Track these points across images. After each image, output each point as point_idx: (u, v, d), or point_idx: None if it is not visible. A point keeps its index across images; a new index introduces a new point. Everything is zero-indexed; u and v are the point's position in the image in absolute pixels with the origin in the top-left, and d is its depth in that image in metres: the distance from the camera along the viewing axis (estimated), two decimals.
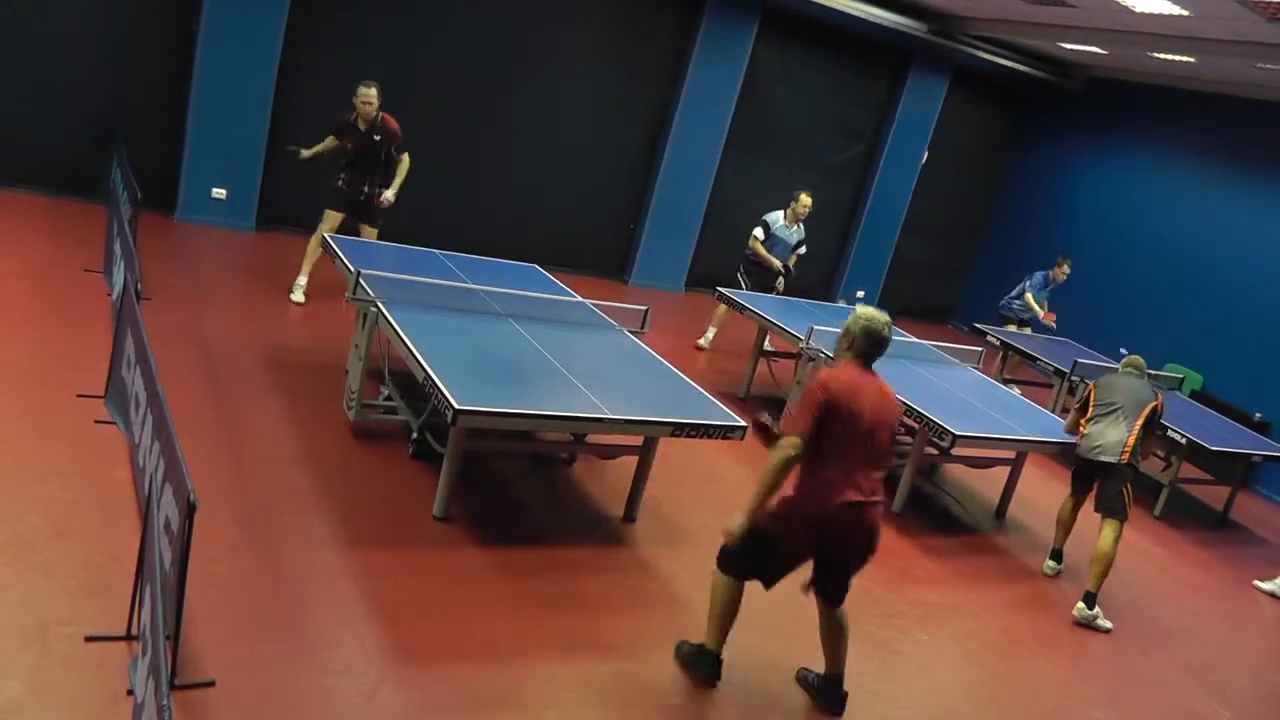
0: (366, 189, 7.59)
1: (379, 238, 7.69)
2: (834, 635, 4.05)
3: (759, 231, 8.74)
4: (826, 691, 4.10)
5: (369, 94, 7.32)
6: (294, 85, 8.74)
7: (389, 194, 7.59)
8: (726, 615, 3.97)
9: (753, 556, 3.89)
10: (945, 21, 10.79)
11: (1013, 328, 10.23)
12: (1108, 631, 5.47)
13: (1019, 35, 10.59)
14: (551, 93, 9.94)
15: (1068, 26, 9.43)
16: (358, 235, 7.59)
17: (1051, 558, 6.08)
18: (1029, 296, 10.11)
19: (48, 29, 8.00)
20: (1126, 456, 5.63)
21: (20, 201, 7.99)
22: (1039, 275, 10.15)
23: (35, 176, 8.25)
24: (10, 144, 8.10)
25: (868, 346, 3.87)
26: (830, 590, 3.99)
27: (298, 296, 7.56)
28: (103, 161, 8.05)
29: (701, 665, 4.04)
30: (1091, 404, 5.90)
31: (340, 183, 7.62)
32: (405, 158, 7.63)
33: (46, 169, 8.29)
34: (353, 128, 7.46)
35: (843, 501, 3.73)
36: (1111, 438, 5.69)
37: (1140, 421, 5.68)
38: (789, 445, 3.69)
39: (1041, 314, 10.05)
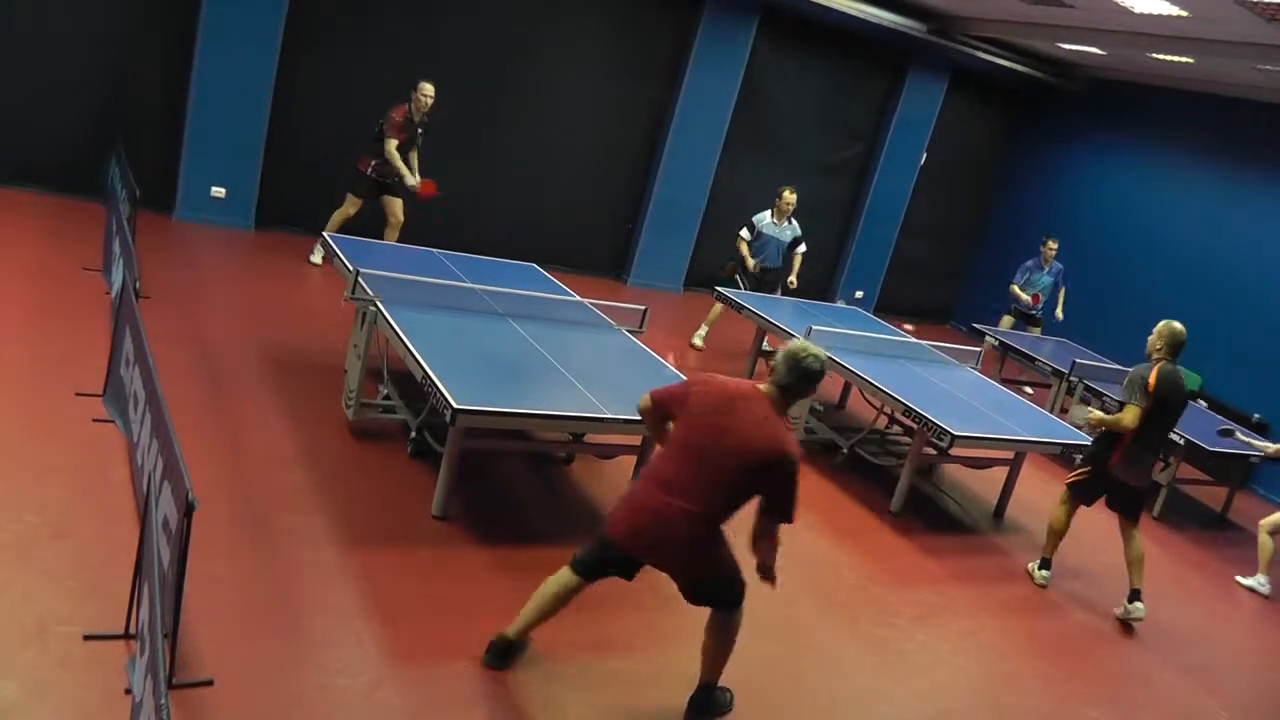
0: (397, 174, 8.21)
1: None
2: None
3: (745, 233, 8.81)
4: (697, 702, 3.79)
5: (432, 89, 8.03)
6: (293, 84, 8.73)
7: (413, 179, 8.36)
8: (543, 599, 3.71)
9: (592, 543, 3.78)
10: (944, 22, 10.78)
11: (1007, 321, 10.23)
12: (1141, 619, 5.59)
13: (1018, 35, 10.59)
14: (551, 92, 9.94)
15: (1067, 27, 9.43)
16: (384, 210, 8.31)
17: (1043, 566, 5.86)
18: (1014, 287, 10.15)
19: (47, 28, 7.99)
20: (1149, 479, 5.67)
21: (19, 200, 7.98)
22: (1028, 263, 10.23)
23: (34, 175, 8.24)
24: (9, 142, 8.09)
25: (784, 377, 3.50)
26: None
27: (316, 258, 8.41)
28: (101, 160, 8.04)
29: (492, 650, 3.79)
30: (1141, 408, 5.33)
31: (371, 170, 8.13)
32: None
33: (45, 167, 8.27)
34: (410, 123, 8.07)
35: (641, 501, 3.54)
36: (1147, 463, 5.57)
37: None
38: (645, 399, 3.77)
39: (1028, 298, 10.07)
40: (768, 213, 8.81)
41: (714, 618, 3.70)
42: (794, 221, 8.84)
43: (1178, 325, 5.48)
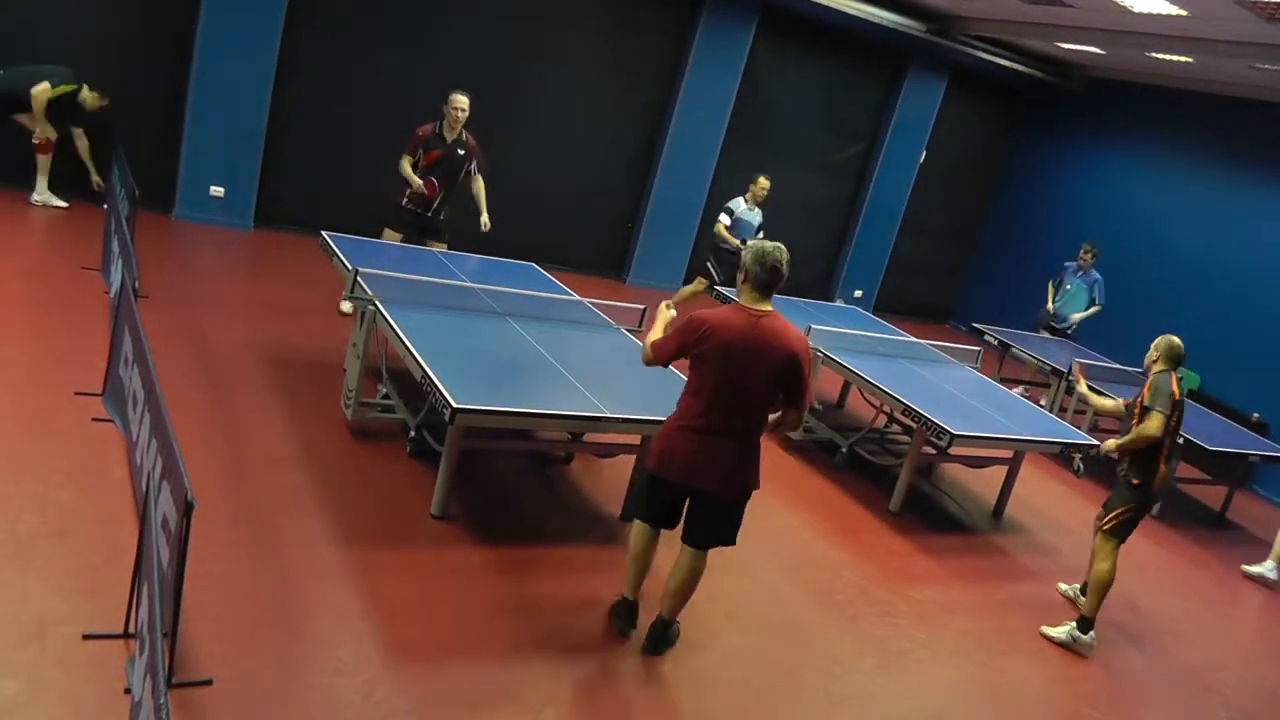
0: (436, 207, 7.22)
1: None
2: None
3: (725, 218, 8.93)
4: (653, 630, 4.19)
5: (464, 101, 6.91)
6: (292, 83, 8.73)
7: (485, 219, 7.31)
8: (636, 560, 4.19)
9: (644, 494, 4.14)
10: (943, 21, 10.79)
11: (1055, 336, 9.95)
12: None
13: (1017, 35, 10.60)
14: (550, 92, 9.94)
15: (1066, 26, 9.43)
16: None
17: (1085, 629, 5.17)
18: (1051, 285, 9.88)
19: (46, 28, 7.98)
20: None
21: (19, 200, 7.98)
22: (1068, 263, 9.82)
23: (33, 174, 8.22)
24: (8, 142, 8.07)
25: (760, 273, 3.80)
26: (687, 529, 4.10)
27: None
28: (101, 159, 8.03)
29: (619, 614, 4.27)
30: (1165, 414, 5.06)
31: (406, 200, 7.15)
32: (481, 177, 7.30)
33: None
34: (437, 138, 7.03)
35: (683, 426, 3.85)
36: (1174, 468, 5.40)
37: None
38: (647, 350, 4.01)
39: (1075, 317, 9.74)
40: (741, 199, 8.96)
41: (698, 559, 4.06)
42: (761, 208, 8.99)
43: (1175, 339, 5.27)
